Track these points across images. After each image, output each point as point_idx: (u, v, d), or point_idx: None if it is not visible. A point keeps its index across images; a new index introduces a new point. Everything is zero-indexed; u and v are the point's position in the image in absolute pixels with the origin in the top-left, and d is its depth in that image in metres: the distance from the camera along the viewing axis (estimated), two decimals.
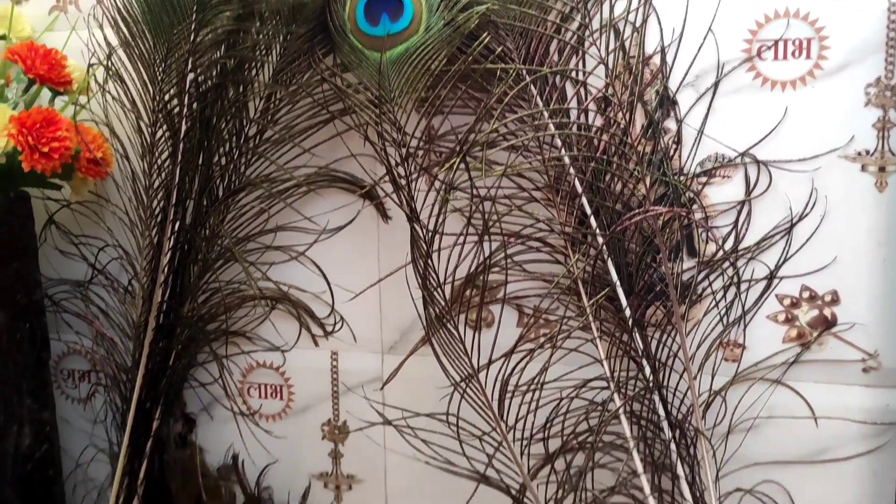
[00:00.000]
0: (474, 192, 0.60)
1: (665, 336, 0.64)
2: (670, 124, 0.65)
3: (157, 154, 0.72)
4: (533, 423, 0.64)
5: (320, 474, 0.80)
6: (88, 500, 0.86)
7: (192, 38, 0.69)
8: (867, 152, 0.61)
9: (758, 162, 0.63)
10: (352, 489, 0.80)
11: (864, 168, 0.61)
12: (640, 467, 0.62)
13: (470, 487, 0.66)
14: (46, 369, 0.76)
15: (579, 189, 0.64)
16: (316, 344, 0.78)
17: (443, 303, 0.63)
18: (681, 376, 0.64)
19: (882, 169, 0.60)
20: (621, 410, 0.62)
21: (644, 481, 0.62)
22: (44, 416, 0.75)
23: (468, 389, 0.63)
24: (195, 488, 0.80)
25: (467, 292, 0.66)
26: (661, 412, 0.63)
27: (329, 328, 0.78)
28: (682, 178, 0.65)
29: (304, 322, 0.78)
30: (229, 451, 0.81)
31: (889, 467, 0.62)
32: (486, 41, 0.60)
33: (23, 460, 0.73)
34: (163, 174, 0.72)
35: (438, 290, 0.63)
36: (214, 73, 0.72)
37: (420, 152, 0.69)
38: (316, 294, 0.77)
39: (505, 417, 0.63)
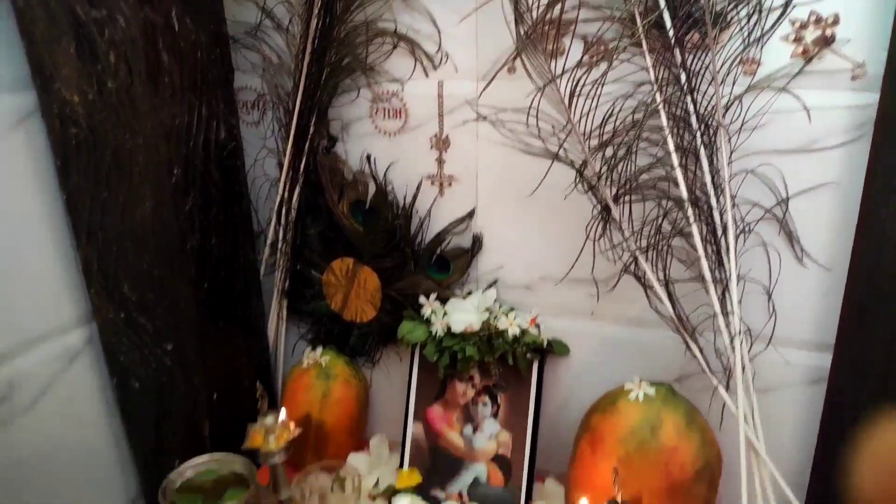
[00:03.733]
0: None
1: (699, 52, 0.84)
2: None
3: None
4: (594, 117, 0.87)
5: (428, 175, 1.07)
6: (263, 189, 1.17)
7: None
8: None
9: None
10: (451, 185, 1.07)
11: None
12: (672, 148, 0.85)
13: (545, 167, 0.91)
14: (231, 87, 1.02)
15: None
16: (426, 75, 1.02)
17: (529, 22, 0.84)
18: (708, 84, 0.85)
19: None
20: (660, 106, 0.84)
21: (674, 159, 0.85)
22: (232, 121, 1.02)
23: (548, 88, 0.85)
24: (339, 180, 1.09)
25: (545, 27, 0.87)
26: (691, 110, 0.85)
27: (436, 62, 1.01)
28: None
29: (418, 57, 1.01)
30: (363, 156, 1.08)
31: (862, 152, 0.83)
32: None
33: (220, 149, 1.01)
34: None
35: (527, 12, 0.84)
36: None
37: None
38: (427, 34, 0.99)
39: (573, 112, 0.86)
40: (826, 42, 0.82)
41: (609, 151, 0.87)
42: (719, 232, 0.86)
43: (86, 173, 0.97)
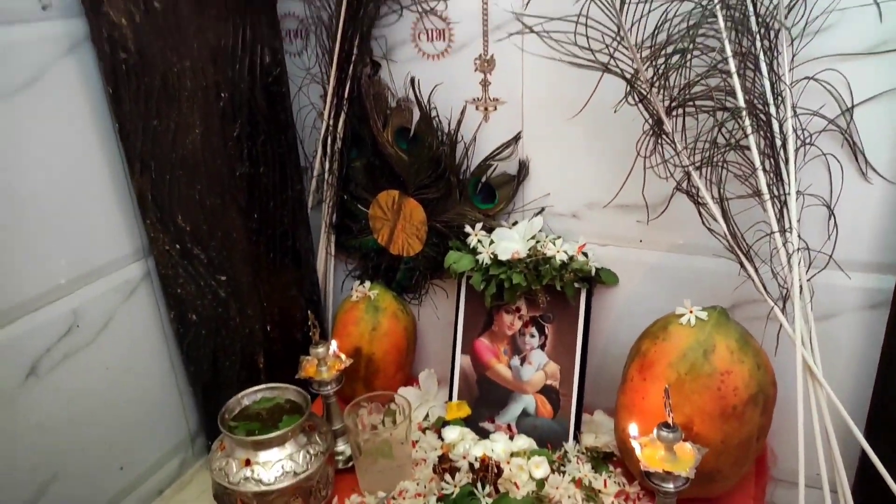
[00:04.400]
0: None
1: None
2: None
3: None
4: (646, 23, 0.82)
5: (473, 99, 1.05)
6: (308, 119, 1.17)
7: None
8: None
9: None
10: (497, 109, 1.04)
11: None
12: (729, 52, 0.80)
13: (593, 85, 0.88)
14: (275, 10, 1.02)
15: None
16: None
17: None
18: None
19: None
20: (717, 7, 0.79)
21: (731, 66, 0.81)
22: (276, 45, 1.02)
23: None
24: (384, 106, 1.08)
25: None
26: (751, 10, 0.80)
27: None
28: None
29: None
30: (407, 80, 1.06)
31: None
32: None
33: (265, 74, 1.01)
34: None
35: None
36: None
37: None
38: None
39: (625, 17, 0.82)
40: None
41: (662, 60, 0.83)
42: (778, 144, 0.81)
43: (136, 100, 0.99)
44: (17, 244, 0.91)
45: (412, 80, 1.06)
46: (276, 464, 0.87)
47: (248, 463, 0.87)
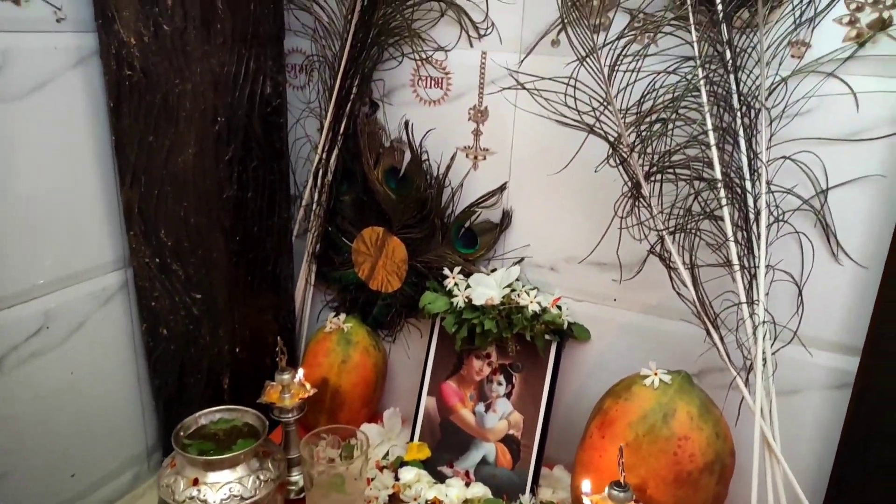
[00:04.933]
0: None
1: (747, 30, 0.82)
2: None
3: None
4: (632, 91, 0.85)
5: (464, 147, 1.08)
6: (303, 151, 1.20)
7: None
8: None
9: None
10: (486, 159, 1.07)
11: None
12: (710, 127, 0.83)
13: (578, 144, 0.91)
14: (281, 45, 1.06)
15: None
16: (471, 45, 1.03)
17: None
18: (754, 65, 0.83)
19: None
20: (701, 83, 0.83)
21: (711, 138, 0.83)
22: (278, 78, 1.05)
23: (588, 60, 0.85)
24: (377, 145, 1.10)
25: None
26: (734, 89, 0.83)
27: (482, 31, 1.02)
28: None
29: (465, 25, 1.02)
30: (401, 123, 1.09)
31: None
32: None
33: (265, 103, 1.04)
34: None
35: None
36: None
37: None
38: (475, 2, 1.00)
39: (612, 84, 0.85)
40: (883, 25, 0.79)
41: (645, 127, 0.86)
42: (752, 217, 0.83)
43: (136, 116, 1.01)
44: (2, 240, 0.92)
45: (406, 123, 1.09)
46: (224, 486, 0.86)
47: (196, 482, 0.86)
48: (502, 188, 1.07)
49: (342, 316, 1.19)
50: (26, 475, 1.01)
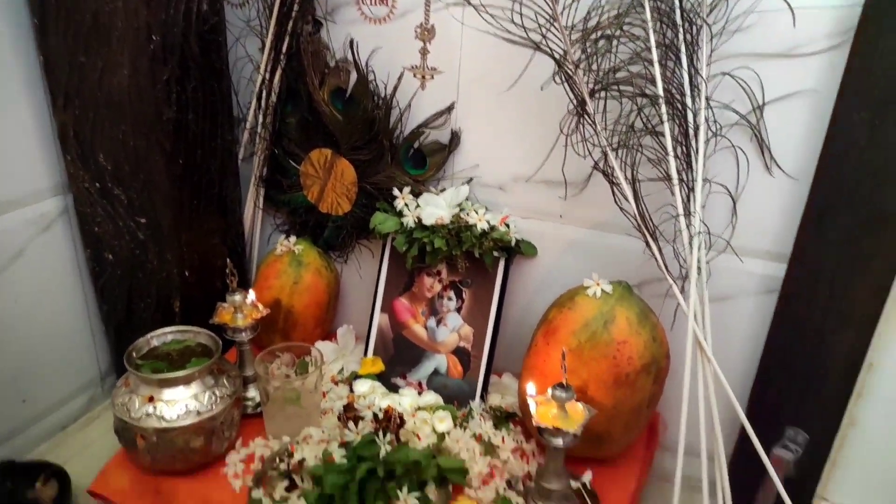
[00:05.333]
0: None
1: None
2: None
3: None
4: (577, 8, 0.85)
5: (411, 66, 1.07)
6: (246, 69, 1.16)
7: None
8: None
9: None
10: (433, 78, 1.06)
11: None
12: (653, 42, 0.84)
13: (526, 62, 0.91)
14: None
15: None
16: None
17: None
18: None
19: None
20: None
21: (654, 55, 0.85)
22: None
23: None
24: (322, 65, 1.08)
25: None
26: (677, 4, 0.84)
27: None
28: None
29: None
30: (346, 42, 1.07)
31: (843, 60, 0.82)
32: None
33: (202, 21, 1.00)
34: None
35: None
36: None
37: None
38: None
39: (556, 1, 0.85)
40: None
41: (590, 44, 0.86)
42: (691, 133, 0.86)
43: (65, 35, 0.97)
44: None
45: (351, 42, 1.06)
46: (179, 402, 0.88)
47: (151, 399, 0.88)
48: (450, 108, 1.06)
49: (293, 238, 1.20)
50: None
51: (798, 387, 0.92)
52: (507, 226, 1.06)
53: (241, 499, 0.88)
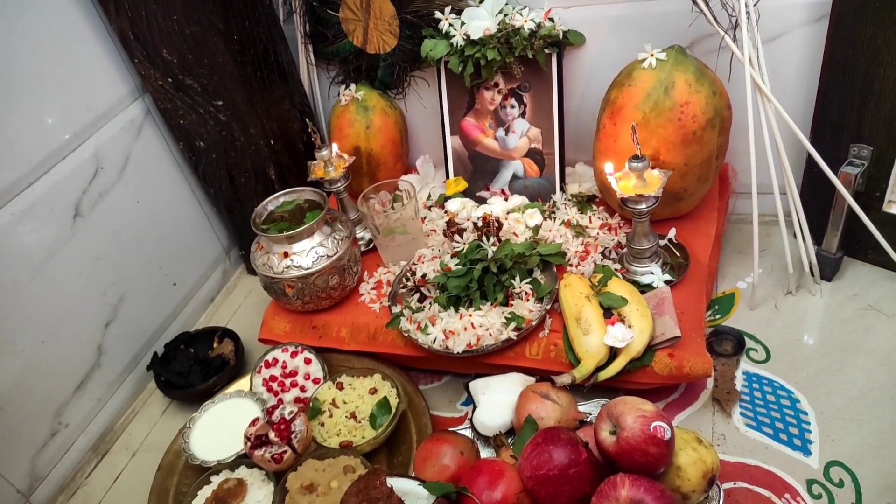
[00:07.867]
0: None
1: None
2: None
3: None
4: None
5: None
6: None
7: None
8: None
9: None
10: None
11: None
12: None
13: None
14: None
15: None
16: None
17: None
18: None
19: None
20: None
21: None
22: None
23: None
24: None
25: None
26: None
27: None
28: None
29: None
30: None
31: None
32: None
33: None
34: None
35: None
36: None
37: None
38: None
39: None
40: None
41: None
42: None
43: None
44: (26, 102, 0.98)
45: None
46: (310, 251, 1.02)
47: (286, 255, 1.02)
48: None
49: (352, 86, 1.26)
50: (139, 293, 1.19)
51: (857, 105, 0.95)
52: (552, 20, 1.08)
53: (384, 316, 1.03)
